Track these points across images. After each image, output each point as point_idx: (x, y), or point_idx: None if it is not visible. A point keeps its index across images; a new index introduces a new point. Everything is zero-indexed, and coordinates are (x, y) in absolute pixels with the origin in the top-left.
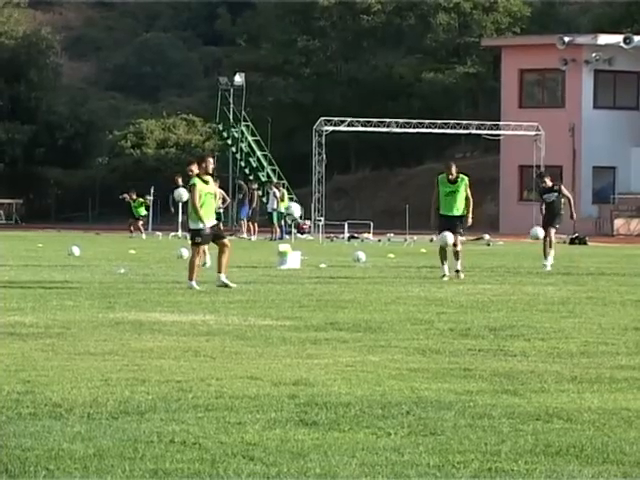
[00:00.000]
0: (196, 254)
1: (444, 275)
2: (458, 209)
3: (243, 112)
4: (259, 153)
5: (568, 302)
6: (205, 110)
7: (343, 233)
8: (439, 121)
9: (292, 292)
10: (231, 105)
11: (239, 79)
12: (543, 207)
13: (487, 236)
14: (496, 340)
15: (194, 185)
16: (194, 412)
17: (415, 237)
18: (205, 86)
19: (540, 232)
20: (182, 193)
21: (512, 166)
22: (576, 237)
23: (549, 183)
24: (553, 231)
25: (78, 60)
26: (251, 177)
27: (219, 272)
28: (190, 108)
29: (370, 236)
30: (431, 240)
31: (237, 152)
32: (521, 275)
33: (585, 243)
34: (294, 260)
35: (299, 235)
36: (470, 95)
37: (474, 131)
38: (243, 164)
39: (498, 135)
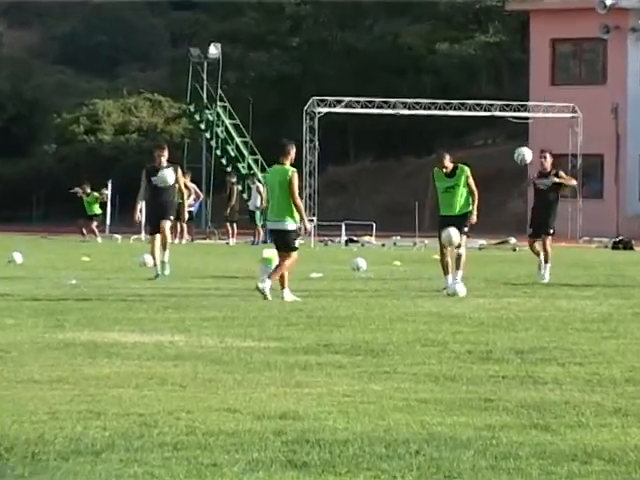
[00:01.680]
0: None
1: (446, 288)
2: (460, 207)
3: (219, 90)
4: (238, 140)
5: (610, 319)
6: (173, 88)
7: (339, 236)
8: (455, 101)
9: (278, 307)
10: (205, 82)
11: (214, 51)
12: (532, 196)
13: (513, 239)
14: (523, 365)
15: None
16: (160, 451)
17: (426, 241)
18: (173, 59)
19: (455, 236)
20: (167, 175)
21: None
22: (620, 240)
23: (547, 166)
24: (549, 241)
25: (19, 28)
26: (229, 169)
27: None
28: (155, 85)
29: (372, 239)
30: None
31: (212, 138)
32: (554, 287)
33: (631, 248)
34: None
35: None
36: (492, 70)
37: (497, 113)
38: (219, 153)
39: (526, 118)
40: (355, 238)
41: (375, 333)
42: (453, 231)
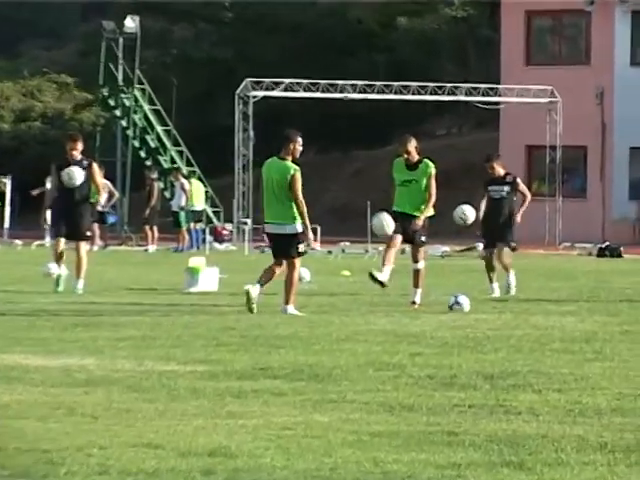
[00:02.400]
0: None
1: (375, 276)
2: (415, 206)
3: (137, 71)
4: (160, 128)
5: (595, 339)
6: (83, 68)
7: None
8: (414, 84)
9: (206, 325)
10: (120, 61)
11: (132, 24)
12: (483, 204)
13: (481, 246)
14: (493, 392)
15: None
16: None
17: (380, 247)
18: (84, 35)
19: (388, 225)
20: (74, 173)
21: (516, 147)
22: (606, 247)
23: (500, 171)
24: (508, 257)
25: None
26: (148, 162)
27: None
28: (62, 66)
29: (316, 245)
30: (402, 252)
31: (129, 127)
32: (529, 301)
33: (619, 255)
34: (209, 280)
35: (216, 244)
36: (458, 48)
37: (463, 97)
38: (137, 144)
39: (497, 103)
40: None
41: (320, 355)
42: (386, 218)
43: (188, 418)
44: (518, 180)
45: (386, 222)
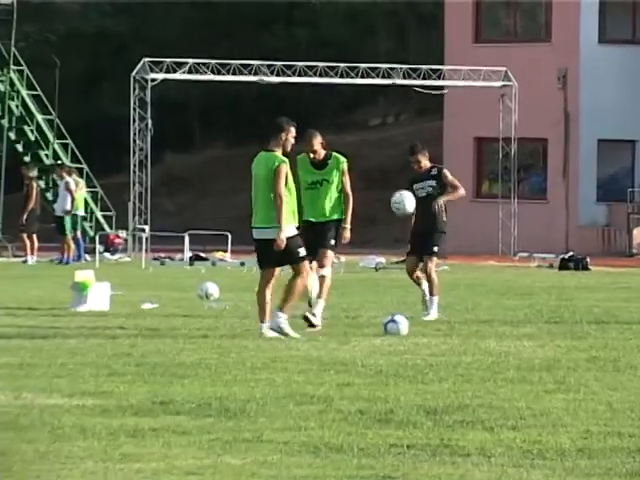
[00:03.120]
0: None
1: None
2: (329, 211)
3: (13, 49)
4: (40, 117)
5: (557, 367)
6: None
7: (181, 251)
8: (342, 64)
9: (97, 350)
10: None
11: None
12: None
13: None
14: (437, 429)
15: None
16: None
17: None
18: None
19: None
20: None
21: (464, 139)
22: (570, 258)
23: (425, 163)
24: (433, 263)
25: None
26: (27, 158)
27: None
28: None
29: (227, 256)
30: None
31: (3, 116)
32: (480, 322)
33: (586, 267)
34: (100, 297)
35: (108, 255)
36: (394, 22)
37: (400, 81)
38: (13, 136)
39: (440, 87)
40: (203, 254)
41: (231, 386)
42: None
43: (75, 461)
44: (445, 171)
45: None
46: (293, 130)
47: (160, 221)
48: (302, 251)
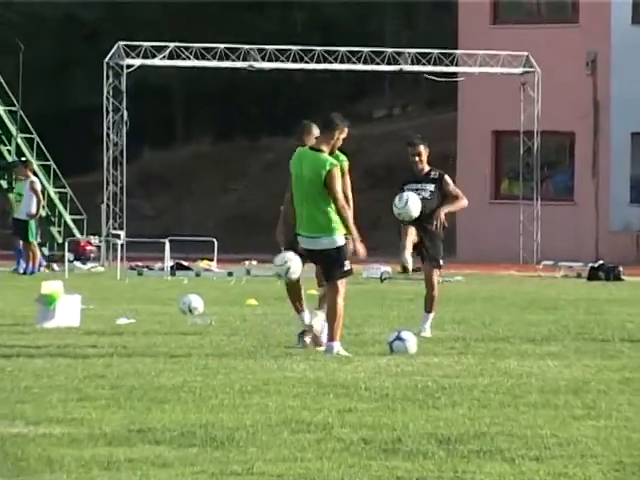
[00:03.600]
0: None
1: (302, 335)
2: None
3: None
4: (1, 109)
5: (585, 389)
6: None
7: (161, 260)
8: (343, 48)
9: (66, 372)
10: None
11: None
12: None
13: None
14: (450, 461)
15: None
16: None
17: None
18: None
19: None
20: None
21: (480, 133)
22: (601, 266)
23: (423, 165)
24: (436, 274)
25: None
26: None
27: None
28: None
29: (213, 265)
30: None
31: None
32: (498, 339)
33: (618, 277)
34: (69, 312)
35: (78, 264)
36: (401, 2)
37: (409, 67)
38: None
39: (453, 75)
40: (186, 263)
41: (218, 412)
42: (292, 258)
43: None
44: (447, 178)
45: (288, 262)
46: (346, 130)
47: (137, 226)
48: (347, 265)
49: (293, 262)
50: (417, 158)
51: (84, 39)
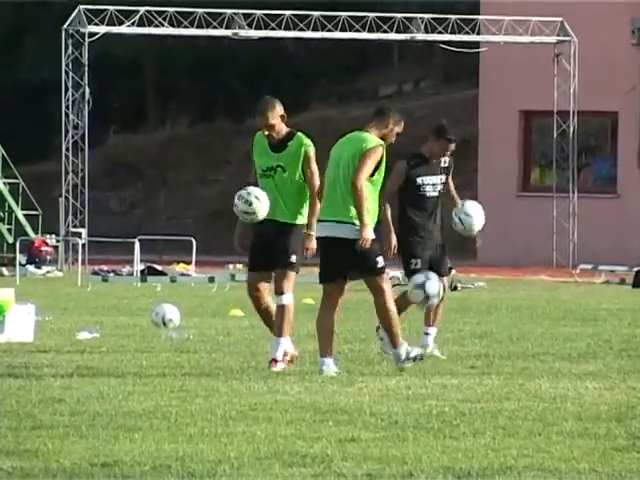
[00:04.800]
0: None
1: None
2: (288, 209)
3: None
4: None
5: (630, 415)
6: None
7: (131, 263)
8: (343, 13)
9: (17, 395)
10: None
11: None
12: (409, 205)
13: (452, 270)
14: None
15: None
16: None
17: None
18: None
19: (433, 286)
20: None
21: (506, 113)
22: None
23: (446, 155)
24: (442, 283)
25: None
26: None
27: None
28: None
29: (190, 269)
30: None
31: None
32: (528, 356)
33: None
34: (21, 324)
35: (32, 268)
36: None
37: (421, 36)
38: None
39: (474, 45)
40: (159, 267)
41: (198, 442)
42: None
43: None
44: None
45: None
46: (402, 125)
47: (102, 223)
48: (381, 261)
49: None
50: (447, 154)
51: (38, 2)
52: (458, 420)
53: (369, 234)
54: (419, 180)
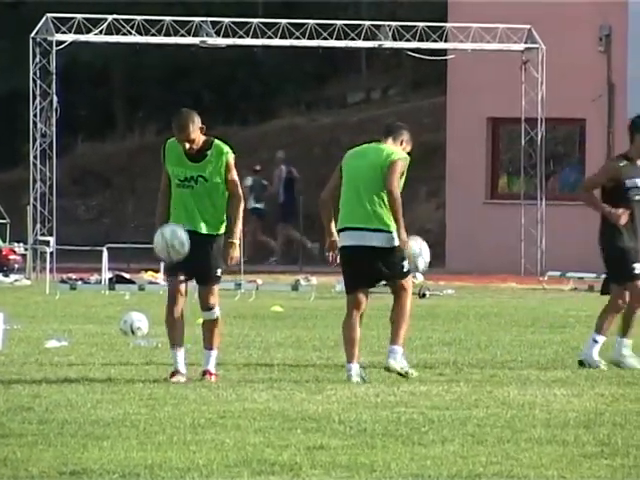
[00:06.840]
0: None
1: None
2: (205, 220)
3: None
4: None
5: (599, 422)
6: None
7: (99, 271)
8: (311, 21)
9: None
10: None
11: None
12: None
13: (420, 277)
14: None
15: None
16: None
17: (259, 281)
18: None
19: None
20: None
21: (474, 120)
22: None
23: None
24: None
25: None
26: None
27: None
28: None
29: (159, 277)
30: (296, 284)
31: None
32: (496, 364)
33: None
34: None
35: (0, 276)
36: None
37: (389, 43)
38: None
39: (442, 53)
40: (127, 275)
41: (166, 450)
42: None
43: None
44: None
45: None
46: (411, 145)
47: (70, 231)
48: (407, 264)
49: None
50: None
51: (5, 9)
52: (427, 427)
53: (406, 237)
54: None
